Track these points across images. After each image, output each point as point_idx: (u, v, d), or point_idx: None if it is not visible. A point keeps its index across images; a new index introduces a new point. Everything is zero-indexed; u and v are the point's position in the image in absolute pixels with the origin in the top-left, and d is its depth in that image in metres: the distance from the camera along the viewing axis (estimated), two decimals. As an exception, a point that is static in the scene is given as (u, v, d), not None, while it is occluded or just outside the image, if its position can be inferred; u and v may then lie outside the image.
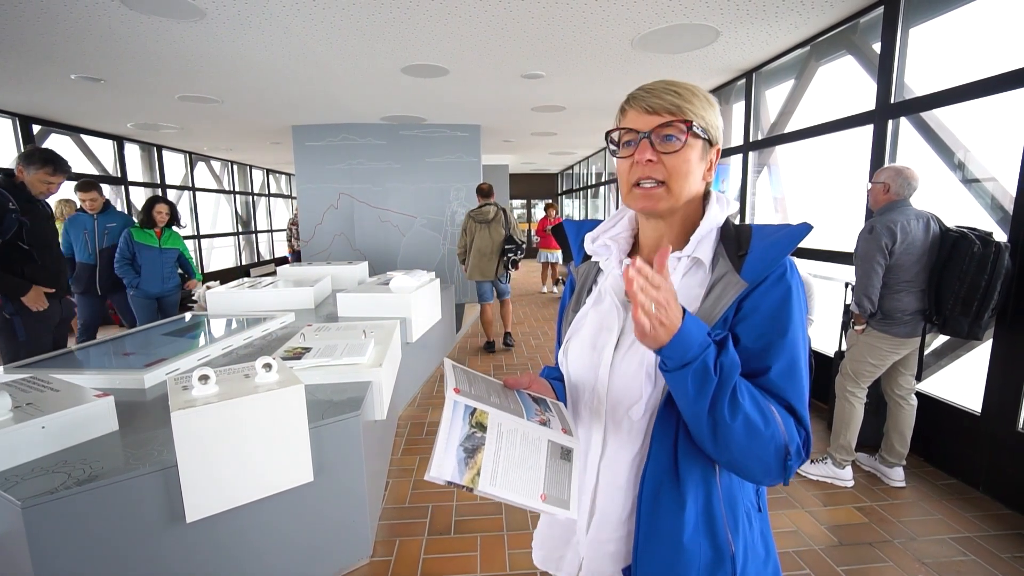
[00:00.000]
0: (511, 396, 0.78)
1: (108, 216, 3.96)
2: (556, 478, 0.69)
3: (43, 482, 1.29)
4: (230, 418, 1.40)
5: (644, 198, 0.75)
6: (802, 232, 0.72)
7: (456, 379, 0.73)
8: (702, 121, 0.74)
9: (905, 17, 2.81)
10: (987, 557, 1.97)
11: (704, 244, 0.76)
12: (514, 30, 3.31)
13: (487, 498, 0.64)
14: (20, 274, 2.57)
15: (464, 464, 0.64)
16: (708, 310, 0.72)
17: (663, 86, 0.74)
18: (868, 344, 2.46)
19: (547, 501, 0.66)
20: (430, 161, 6.82)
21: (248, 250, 10.97)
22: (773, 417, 0.66)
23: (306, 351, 2.10)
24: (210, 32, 3.24)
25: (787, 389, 0.69)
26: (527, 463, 0.68)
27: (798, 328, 0.70)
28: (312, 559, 1.79)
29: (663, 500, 0.73)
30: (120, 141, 6.83)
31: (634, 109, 0.75)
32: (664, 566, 0.73)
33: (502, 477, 0.65)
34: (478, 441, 0.66)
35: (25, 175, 2.69)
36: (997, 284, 2.15)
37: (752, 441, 0.65)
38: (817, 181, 4.29)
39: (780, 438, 0.66)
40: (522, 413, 0.73)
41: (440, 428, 0.66)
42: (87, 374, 1.95)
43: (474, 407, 0.69)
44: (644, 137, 0.73)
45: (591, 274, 0.89)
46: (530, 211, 15.11)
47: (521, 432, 0.70)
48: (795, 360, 0.69)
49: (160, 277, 4.03)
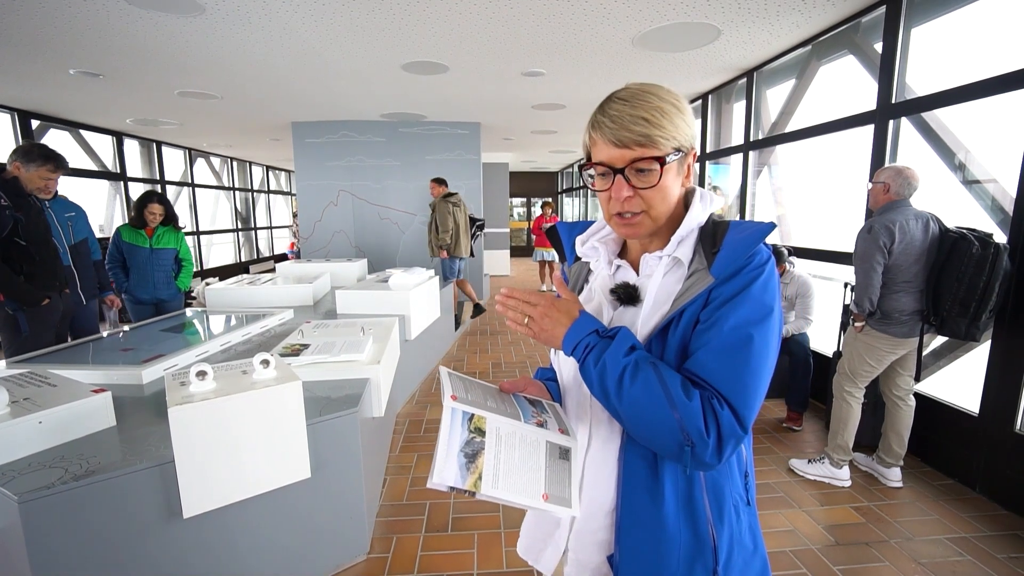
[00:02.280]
0: (507, 400, 0.79)
1: (62, 204, 3.07)
2: (556, 477, 0.70)
3: (40, 477, 1.29)
4: (227, 414, 1.39)
5: (626, 227, 0.78)
6: (767, 229, 0.74)
7: (453, 386, 0.73)
8: (674, 141, 0.72)
9: (907, 17, 2.80)
10: (983, 557, 1.98)
11: (684, 244, 0.78)
12: (515, 27, 3.31)
13: (491, 501, 0.65)
14: (20, 271, 2.54)
15: (466, 469, 0.65)
16: (677, 298, 0.75)
17: (629, 112, 0.71)
18: (866, 344, 2.46)
19: (549, 501, 0.67)
20: (430, 159, 6.81)
21: (248, 247, 10.96)
22: (667, 402, 0.67)
23: (304, 348, 2.10)
24: (209, 27, 3.23)
25: (716, 371, 0.68)
26: (527, 464, 0.69)
27: (752, 318, 0.69)
28: (309, 555, 1.79)
29: (643, 489, 0.76)
30: (119, 137, 6.81)
31: (602, 140, 0.73)
32: (645, 553, 0.75)
33: (504, 480, 0.66)
34: (478, 446, 0.67)
35: (22, 171, 2.63)
36: (995, 286, 2.15)
37: (640, 422, 0.69)
38: (818, 181, 4.28)
39: (672, 423, 0.66)
40: (519, 416, 0.74)
41: (440, 435, 0.67)
42: (85, 369, 1.95)
43: (472, 413, 0.70)
44: (618, 173, 0.73)
45: (583, 273, 0.92)
46: (530, 209, 15.09)
47: (519, 435, 0.71)
48: (736, 345, 0.68)
49: (151, 281, 3.54)
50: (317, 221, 6.83)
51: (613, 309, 0.82)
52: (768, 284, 0.72)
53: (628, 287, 0.80)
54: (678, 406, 0.66)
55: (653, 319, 0.77)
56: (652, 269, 0.80)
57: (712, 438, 0.66)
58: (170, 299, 3.65)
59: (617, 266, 0.86)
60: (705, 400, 0.67)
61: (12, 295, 2.50)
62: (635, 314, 0.78)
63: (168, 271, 3.63)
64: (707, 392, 0.68)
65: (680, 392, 0.67)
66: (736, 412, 0.67)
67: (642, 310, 0.78)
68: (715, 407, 0.67)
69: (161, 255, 3.57)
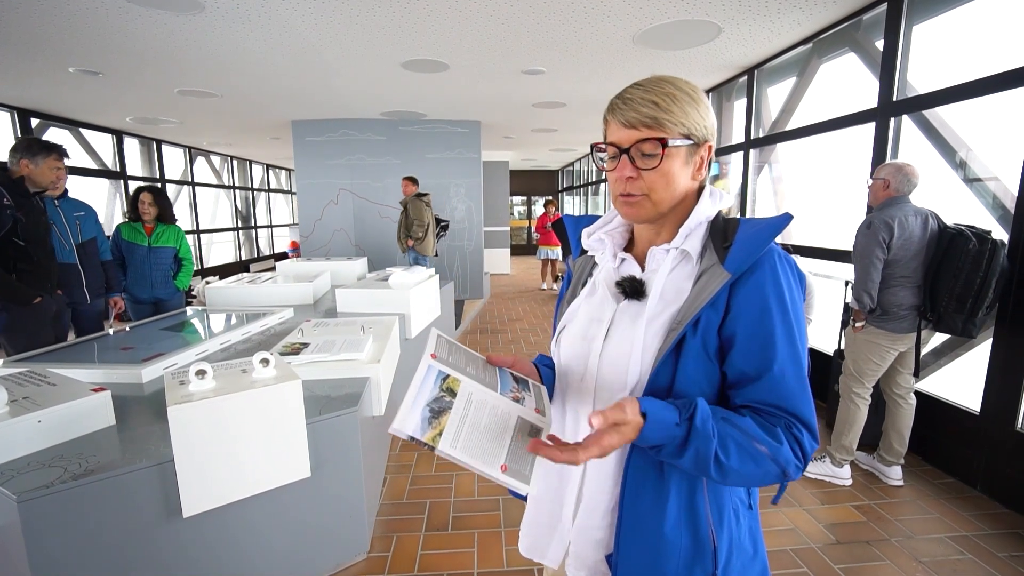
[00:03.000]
0: (491, 371, 0.78)
1: (72, 203, 3.05)
2: (520, 454, 0.68)
3: (39, 476, 1.28)
4: (227, 413, 1.39)
5: (627, 207, 0.78)
6: (783, 222, 0.74)
7: (437, 346, 0.73)
8: (682, 128, 0.73)
9: (908, 14, 2.79)
10: (984, 556, 1.97)
11: (693, 237, 0.78)
12: (515, 25, 3.30)
13: (447, 460, 0.64)
14: (14, 270, 2.51)
15: (427, 423, 0.65)
16: (691, 301, 0.73)
17: (641, 95, 0.73)
18: (868, 342, 2.45)
19: (507, 473, 0.65)
20: (430, 157, 6.81)
21: (248, 245, 10.96)
22: (764, 456, 0.67)
23: (304, 347, 2.09)
24: (209, 25, 3.23)
25: (785, 394, 0.70)
26: (491, 433, 0.68)
27: (792, 325, 0.70)
28: (309, 555, 1.79)
29: (646, 491, 0.75)
30: (119, 135, 6.81)
31: (615, 121, 0.75)
32: (644, 555, 0.75)
33: (464, 442, 0.65)
34: (445, 404, 0.67)
35: (32, 168, 2.58)
36: (992, 282, 2.15)
37: (746, 479, 0.69)
38: (819, 179, 4.27)
39: (774, 471, 0.68)
40: (496, 387, 0.74)
41: (410, 387, 0.66)
42: (85, 368, 1.94)
43: (447, 374, 0.70)
44: (623, 153, 0.74)
45: (587, 267, 0.91)
46: (530, 208, 15.08)
47: (491, 404, 0.71)
48: (790, 361, 0.70)
49: (149, 281, 3.48)
50: (317, 220, 6.83)
51: (617, 302, 0.81)
52: (790, 278, 0.73)
53: (634, 280, 0.79)
54: (776, 457, 0.67)
55: (661, 315, 0.75)
56: (659, 263, 0.79)
57: (800, 460, 0.69)
58: (168, 298, 3.60)
59: (622, 259, 0.85)
60: (787, 434, 0.69)
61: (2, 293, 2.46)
62: (640, 308, 0.77)
63: (166, 270, 3.58)
64: (781, 419, 0.69)
65: (769, 440, 0.67)
66: (809, 427, 0.69)
67: (648, 305, 0.76)
68: (796, 435, 0.69)
69: (159, 254, 3.52)
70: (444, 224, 6.18)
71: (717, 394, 0.75)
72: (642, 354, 0.74)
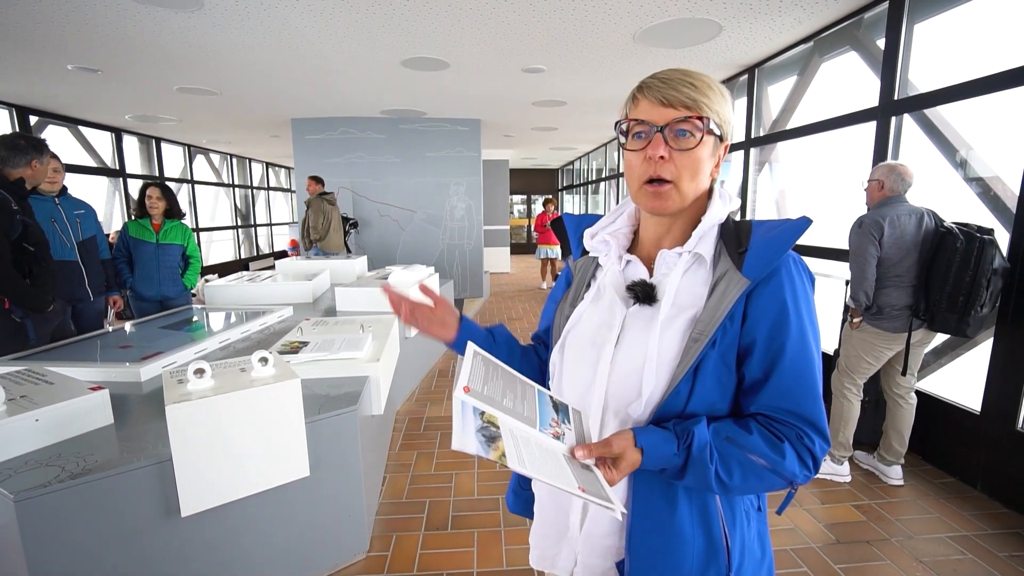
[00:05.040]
0: (529, 395, 0.74)
1: (72, 202, 3.05)
2: (588, 479, 0.65)
3: (36, 475, 1.28)
4: (225, 412, 1.38)
5: (655, 198, 0.73)
6: (802, 227, 0.71)
7: (471, 375, 0.69)
8: (716, 116, 0.71)
9: (910, 13, 2.78)
10: (985, 556, 1.97)
11: (705, 240, 0.75)
12: (515, 23, 3.28)
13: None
14: (28, 275, 2.45)
15: (487, 446, 0.61)
16: (712, 309, 0.70)
17: (680, 76, 0.71)
18: (862, 340, 2.46)
19: (587, 493, 0.62)
20: (430, 155, 6.79)
21: (247, 244, 10.95)
22: (768, 471, 0.68)
23: (303, 345, 2.09)
24: (208, 23, 3.21)
25: (800, 399, 0.69)
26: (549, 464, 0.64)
27: (806, 330, 0.70)
28: (308, 554, 1.79)
29: (657, 494, 0.74)
30: (118, 133, 6.79)
31: (647, 99, 0.72)
32: (657, 557, 0.73)
33: (530, 464, 0.61)
34: (494, 433, 0.63)
35: (39, 167, 2.48)
36: (982, 280, 2.13)
37: (751, 491, 0.72)
38: (819, 178, 4.26)
39: (780, 483, 0.70)
40: (535, 422, 0.70)
41: (453, 419, 0.63)
42: (82, 367, 1.94)
43: (483, 410, 0.65)
44: (658, 131, 0.70)
45: (590, 269, 0.87)
46: (530, 207, 15.06)
47: (535, 441, 0.67)
48: (803, 365, 0.70)
49: (156, 279, 3.42)
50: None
51: (627, 307, 0.77)
52: (807, 284, 0.73)
53: (646, 285, 0.76)
54: (782, 472, 0.68)
55: (676, 321, 0.72)
56: (669, 267, 0.76)
57: (810, 468, 0.70)
58: (176, 296, 3.53)
59: (627, 261, 0.81)
60: (795, 444, 0.69)
61: (21, 301, 2.39)
62: (652, 313, 0.74)
63: (174, 268, 3.52)
64: (793, 429, 0.69)
65: (774, 456, 0.68)
66: (822, 432, 0.69)
67: (660, 310, 0.73)
68: (806, 443, 0.69)
69: (167, 251, 3.46)
70: (352, 222, 6.56)
71: (731, 404, 0.74)
72: (657, 362, 0.71)
